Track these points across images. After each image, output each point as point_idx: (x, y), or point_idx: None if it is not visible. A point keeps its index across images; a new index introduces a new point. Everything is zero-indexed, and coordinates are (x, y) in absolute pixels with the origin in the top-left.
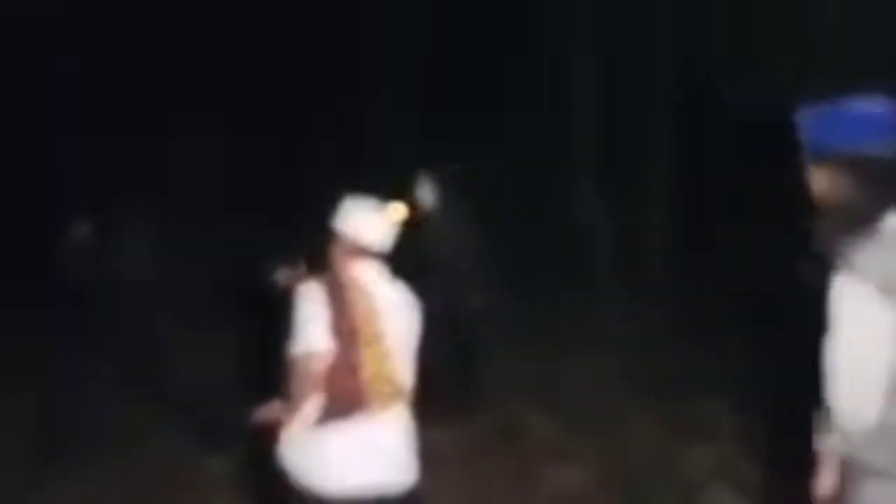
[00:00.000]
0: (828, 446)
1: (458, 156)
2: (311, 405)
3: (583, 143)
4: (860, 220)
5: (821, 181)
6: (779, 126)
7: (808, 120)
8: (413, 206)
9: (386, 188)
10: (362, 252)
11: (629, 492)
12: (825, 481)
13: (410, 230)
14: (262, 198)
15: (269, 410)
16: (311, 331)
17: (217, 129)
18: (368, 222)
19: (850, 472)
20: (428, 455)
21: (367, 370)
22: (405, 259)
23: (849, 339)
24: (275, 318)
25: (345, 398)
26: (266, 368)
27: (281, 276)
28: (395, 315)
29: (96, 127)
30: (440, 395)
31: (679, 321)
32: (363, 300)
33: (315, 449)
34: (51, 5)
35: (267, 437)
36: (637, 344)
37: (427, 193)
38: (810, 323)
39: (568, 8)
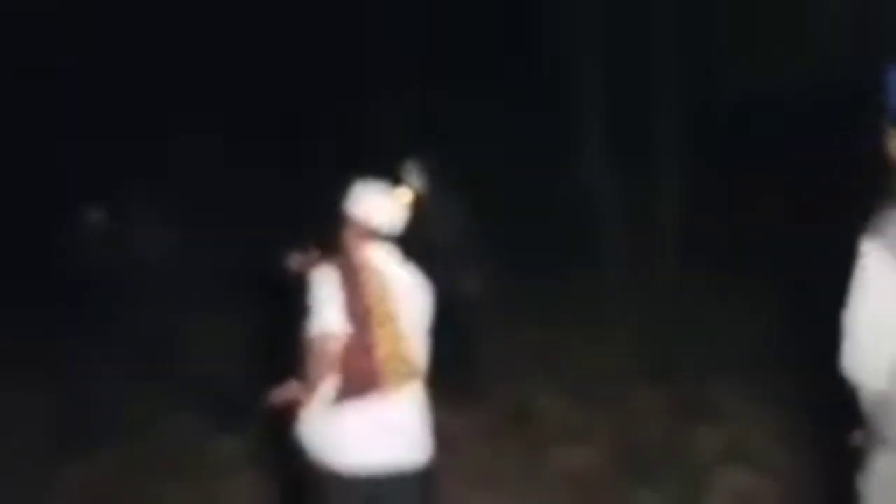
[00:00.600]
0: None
1: (463, 146)
2: (328, 385)
3: (589, 135)
4: None
5: None
6: (778, 117)
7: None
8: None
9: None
10: (373, 234)
11: (638, 471)
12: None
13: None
14: (270, 192)
15: (285, 391)
16: (327, 313)
17: (217, 129)
18: (379, 205)
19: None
20: (440, 437)
21: (382, 350)
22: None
23: (867, 305)
24: (285, 303)
25: (360, 378)
26: (277, 352)
27: (293, 261)
28: (407, 296)
29: (96, 127)
30: (446, 380)
31: (687, 303)
32: (375, 281)
33: (332, 428)
34: (51, 5)
35: (284, 417)
36: (645, 326)
37: (414, 179)
38: (819, 304)
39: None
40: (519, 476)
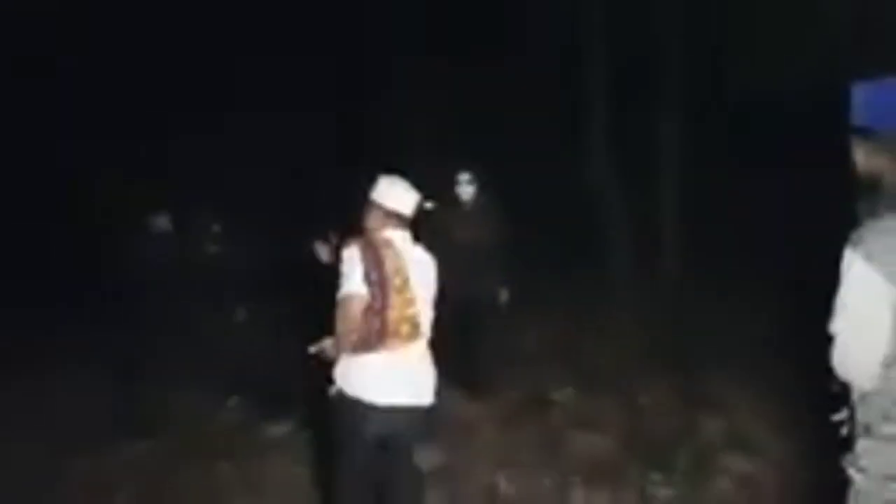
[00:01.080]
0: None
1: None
2: (352, 339)
3: (591, 136)
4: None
5: (864, 159)
6: (778, 117)
7: (859, 96)
8: (453, 199)
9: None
10: (393, 218)
11: (647, 456)
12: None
13: (446, 223)
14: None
15: (322, 345)
16: (351, 280)
17: (218, 129)
18: (399, 195)
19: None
20: (463, 425)
21: (393, 313)
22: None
23: (851, 312)
24: (321, 297)
25: (372, 335)
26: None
27: (322, 253)
28: (417, 269)
29: (96, 127)
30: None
31: (691, 300)
32: (392, 256)
33: (357, 372)
34: (51, 5)
35: (321, 364)
36: (652, 321)
37: (466, 188)
38: (816, 301)
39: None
40: (536, 460)
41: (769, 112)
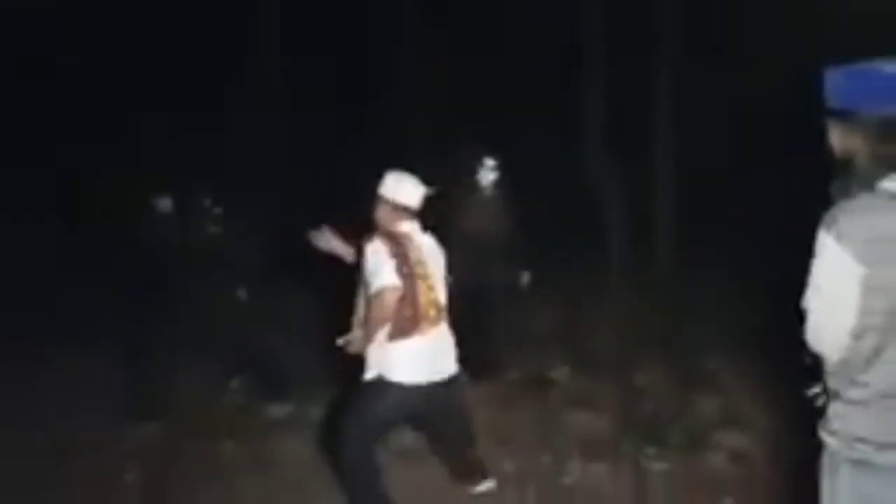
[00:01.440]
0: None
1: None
2: (383, 330)
3: (590, 134)
4: (870, 179)
5: (839, 139)
6: (778, 117)
7: (833, 80)
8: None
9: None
10: (402, 212)
11: (642, 435)
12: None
13: (466, 207)
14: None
15: (349, 338)
16: (384, 273)
17: (219, 128)
18: (407, 190)
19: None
20: (466, 404)
21: (422, 299)
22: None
23: (822, 289)
24: (321, 284)
25: (407, 322)
26: (317, 328)
27: (319, 241)
28: (432, 255)
29: (96, 127)
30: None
31: (688, 289)
32: (413, 248)
33: (397, 357)
34: (51, 5)
35: (349, 356)
36: (648, 306)
37: (489, 174)
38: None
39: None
40: (536, 438)
41: (769, 112)
